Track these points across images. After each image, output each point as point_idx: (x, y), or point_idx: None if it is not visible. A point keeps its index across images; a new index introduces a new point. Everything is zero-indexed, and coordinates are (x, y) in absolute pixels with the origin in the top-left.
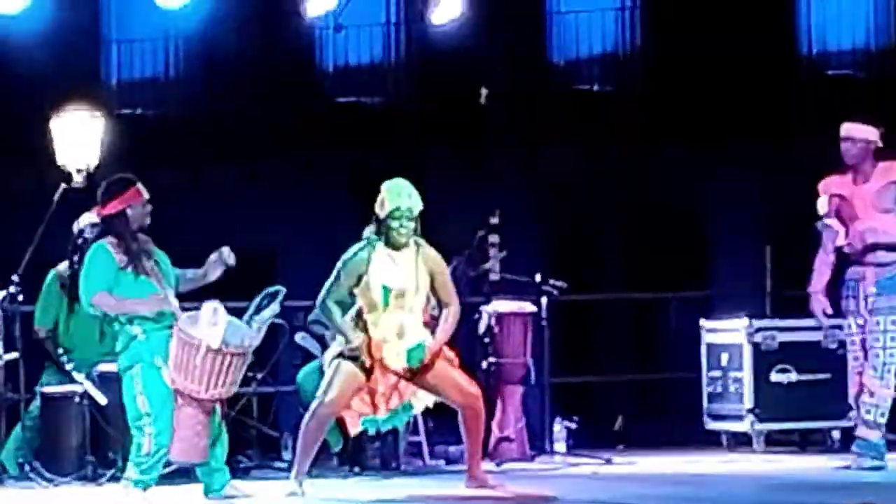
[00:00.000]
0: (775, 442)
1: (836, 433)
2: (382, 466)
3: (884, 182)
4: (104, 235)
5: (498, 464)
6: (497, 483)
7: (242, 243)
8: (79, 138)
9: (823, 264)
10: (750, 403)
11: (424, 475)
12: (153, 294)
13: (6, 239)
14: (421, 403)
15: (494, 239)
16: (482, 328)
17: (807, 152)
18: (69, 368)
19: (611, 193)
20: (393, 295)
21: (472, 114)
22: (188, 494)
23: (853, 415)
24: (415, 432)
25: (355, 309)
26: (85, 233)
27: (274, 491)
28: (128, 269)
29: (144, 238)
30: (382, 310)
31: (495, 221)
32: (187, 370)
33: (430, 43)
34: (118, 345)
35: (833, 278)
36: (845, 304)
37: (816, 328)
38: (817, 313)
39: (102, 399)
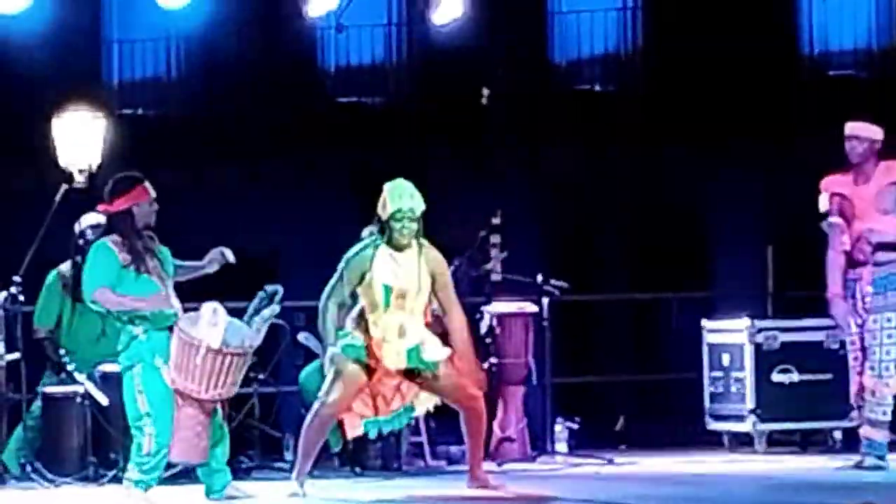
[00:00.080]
0: (777, 442)
1: (838, 433)
2: (384, 467)
3: (884, 183)
4: (109, 233)
5: (499, 464)
6: (499, 483)
7: (243, 243)
8: (80, 138)
9: (835, 264)
10: (751, 404)
11: (426, 476)
12: (155, 293)
13: (8, 239)
14: (423, 406)
15: (496, 239)
16: (484, 328)
17: (808, 152)
18: (70, 369)
19: (612, 193)
20: (394, 295)
21: (474, 114)
22: (190, 495)
23: (854, 415)
24: (416, 433)
25: (357, 309)
26: (86, 233)
27: (275, 492)
28: (130, 268)
29: (148, 234)
30: (384, 310)
31: (497, 222)
32: (187, 370)
33: (432, 43)
34: (119, 344)
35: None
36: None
37: (818, 328)
38: (839, 318)
39: (104, 399)
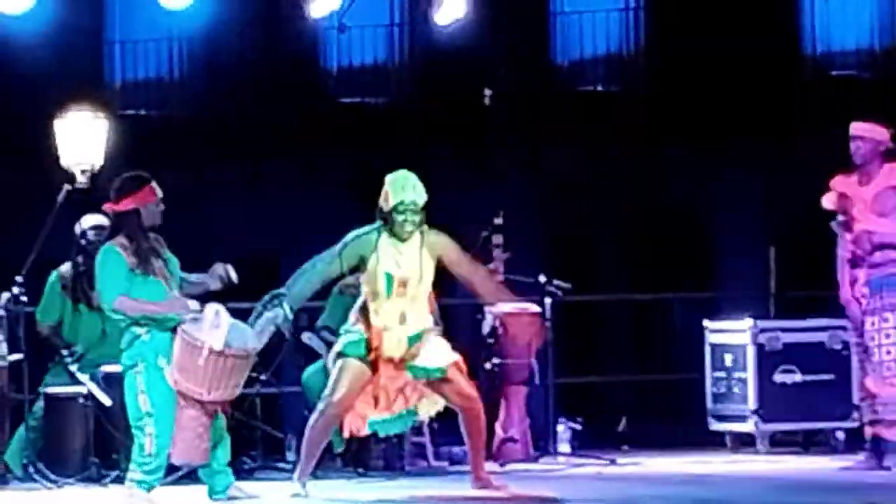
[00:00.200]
0: (779, 443)
1: (840, 434)
2: (386, 468)
3: (883, 186)
4: (115, 232)
5: (502, 464)
6: (501, 484)
7: (245, 243)
8: (82, 139)
9: (844, 266)
10: (754, 404)
11: (429, 476)
12: (166, 295)
13: (9, 240)
14: (425, 411)
15: (498, 240)
16: (486, 329)
17: (810, 153)
18: (73, 369)
19: (615, 194)
20: (396, 283)
21: (476, 114)
22: (192, 495)
23: (856, 415)
24: (419, 433)
25: (360, 301)
26: (87, 234)
27: (278, 492)
28: (137, 271)
29: (154, 236)
30: (385, 297)
31: (499, 222)
32: (190, 372)
33: (434, 43)
34: (122, 343)
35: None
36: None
37: (820, 329)
38: (855, 321)
39: (106, 400)
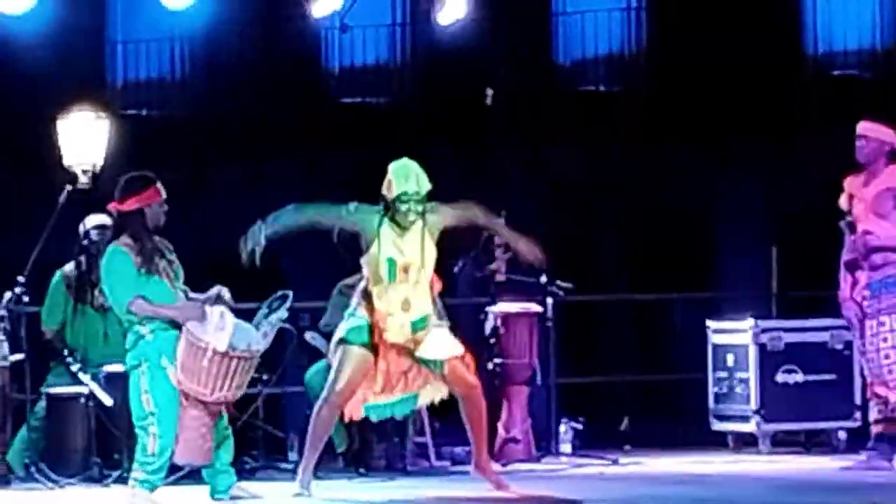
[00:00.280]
0: (781, 442)
1: (842, 434)
2: (388, 468)
3: (883, 186)
4: (119, 232)
5: (504, 464)
6: (501, 479)
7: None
8: (84, 139)
9: (844, 266)
10: (756, 404)
11: (430, 476)
12: (171, 295)
13: (11, 240)
14: (427, 397)
15: (500, 240)
16: (488, 329)
17: (812, 153)
18: (75, 369)
19: (616, 194)
20: (399, 268)
21: (477, 114)
22: (195, 496)
23: (858, 415)
24: (421, 433)
25: (362, 284)
26: (91, 234)
27: (280, 492)
28: (142, 270)
29: (159, 239)
30: (388, 283)
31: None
32: (194, 372)
33: (436, 43)
34: (126, 343)
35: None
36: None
37: (822, 329)
38: (850, 320)
39: (108, 400)
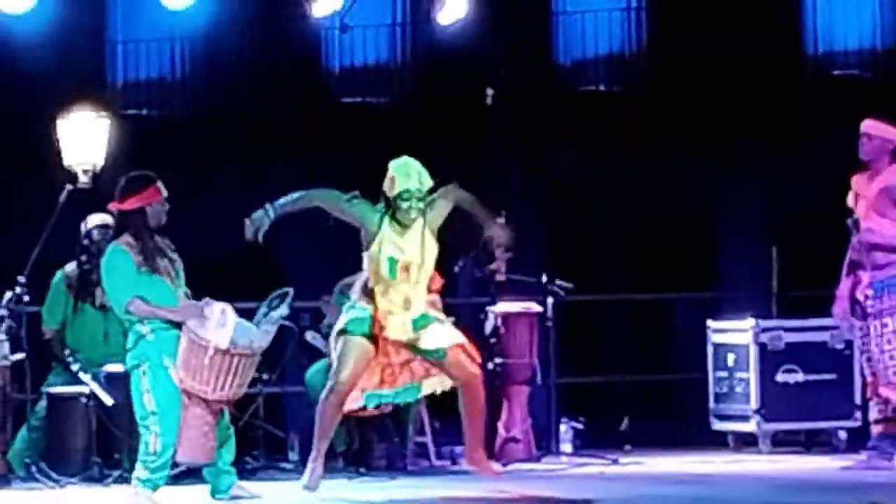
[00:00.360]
0: (781, 442)
1: (843, 433)
2: (388, 467)
3: (883, 185)
4: (119, 231)
5: (504, 464)
6: (494, 468)
7: (247, 242)
8: (84, 139)
9: (847, 263)
10: (756, 404)
11: (431, 476)
12: (172, 294)
13: (12, 240)
14: (430, 387)
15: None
16: (488, 329)
17: (812, 153)
18: (75, 369)
19: (616, 193)
20: (399, 267)
21: (477, 114)
22: (195, 495)
23: (858, 415)
24: (421, 433)
25: (363, 277)
26: (92, 234)
27: (280, 492)
28: (143, 269)
29: (160, 238)
30: (389, 282)
31: (501, 221)
32: (195, 370)
33: (436, 43)
34: (127, 343)
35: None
36: (856, 309)
37: (823, 328)
38: (836, 317)
39: (109, 400)
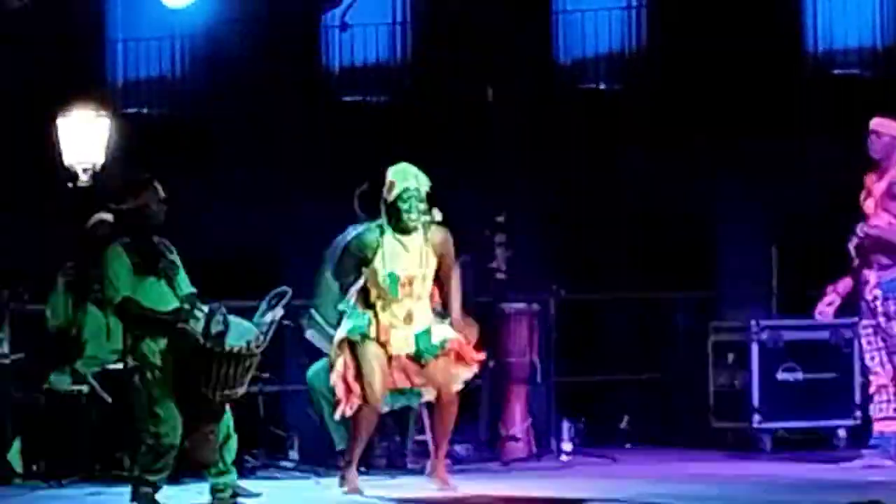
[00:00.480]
0: (781, 441)
1: (843, 432)
2: (389, 466)
3: (889, 182)
4: (119, 231)
5: (504, 463)
6: (455, 484)
7: (247, 242)
8: (84, 137)
9: (853, 261)
10: (756, 402)
11: (430, 475)
12: (169, 296)
13: (12, 239)
14: (431, 395)
15: (501, 238)
16: (488, 328)
17: (813, 152)
18: (76, 367)
19: (617, 192)
20: (401, 283)
21: (478, 113)
22: (196, 494)
23: (858, 414)
24: (421, 432)
25: (360, 283)
26: (93, 232)
27: (280, 491)
28: (140, 270)
29: (159, 239)
30: (392, 297)
31: (501, 220)
32: (195, 371)
33: (436, 43)
34: (127, 343)
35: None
36: (861, 306)
37: (823, 327)
38: (817, 310)
39: (109, 399)
